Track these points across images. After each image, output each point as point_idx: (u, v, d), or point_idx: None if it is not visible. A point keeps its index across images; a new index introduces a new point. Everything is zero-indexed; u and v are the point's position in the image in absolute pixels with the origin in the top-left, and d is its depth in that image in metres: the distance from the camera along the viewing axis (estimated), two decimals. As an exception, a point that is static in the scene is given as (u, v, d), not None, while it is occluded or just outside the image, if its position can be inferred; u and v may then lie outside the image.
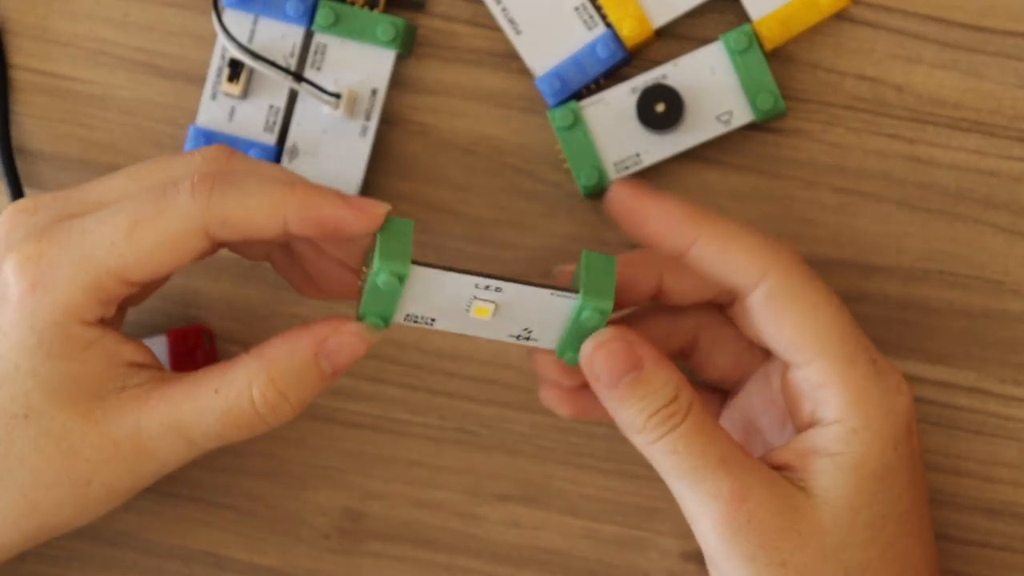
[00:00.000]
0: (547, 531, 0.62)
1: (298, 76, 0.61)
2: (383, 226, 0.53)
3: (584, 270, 0.53)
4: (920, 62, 0.61)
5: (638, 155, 0.61)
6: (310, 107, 0.62)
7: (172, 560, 0.63)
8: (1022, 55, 0.61)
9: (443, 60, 0.63)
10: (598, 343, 0.53)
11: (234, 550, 0.63)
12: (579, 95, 0.61)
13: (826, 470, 0.52)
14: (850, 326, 0.53)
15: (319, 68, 0.62)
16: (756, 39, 0.60)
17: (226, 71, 0.62)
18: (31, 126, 0.63)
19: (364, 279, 0.53)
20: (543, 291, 0.53)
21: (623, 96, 0.61)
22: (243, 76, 0.61)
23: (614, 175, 0.61)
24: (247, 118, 0.62)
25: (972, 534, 0.61)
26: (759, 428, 0.58)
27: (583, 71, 0.61)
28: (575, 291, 0.53)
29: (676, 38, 0.62)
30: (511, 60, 0.62)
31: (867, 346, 0.53)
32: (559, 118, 0.60)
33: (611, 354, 0.53)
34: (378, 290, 0.53)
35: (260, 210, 0.53)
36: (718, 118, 0.60)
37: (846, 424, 0.52)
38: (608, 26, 0.61)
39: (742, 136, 0.62)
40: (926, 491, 0.55)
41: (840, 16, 0.61)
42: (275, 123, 0.62)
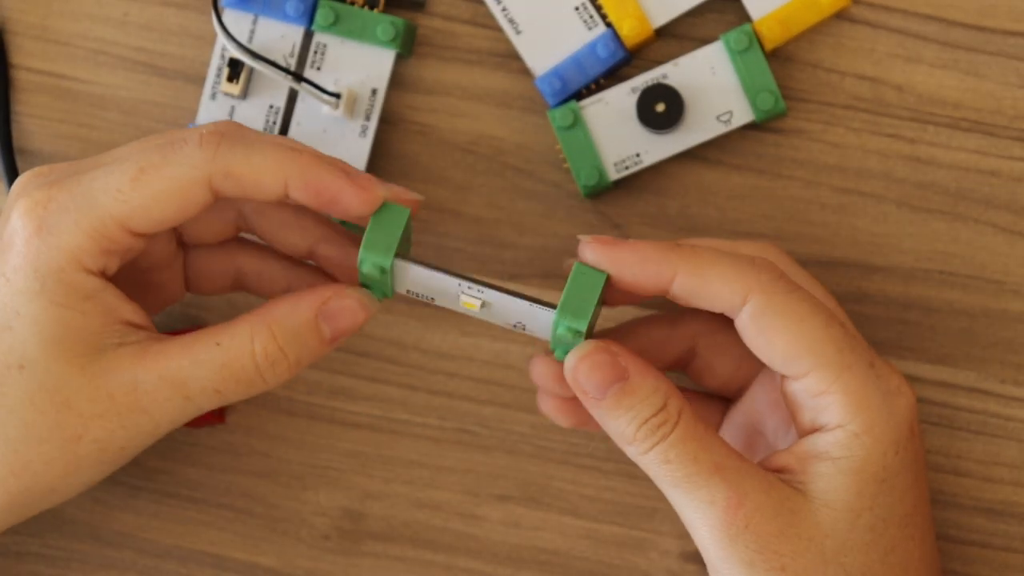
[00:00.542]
0: (547, 531, 0.62)
1: (298, 76, 0.61)
2: (378, 211, 0.53)
3: (569, 283, 0.53)
4: (920, 62, 0.61)
5: (638, 155, 0.61)
6: (310, 107, 0.62)
7: (171, 560, 0.63)
8: (1022, 55, 0.61)
9: (443, 60, 0.63)
10: (581, 355, 0.53)
11: (233, 550, 0.63)
12: (579, 95, 0.61)
13: (827, 473, 0.52)
14: (842, 332, 0.53)
15: (319, 68, 0.62)
16: (756, 39, 0.60)
17: (226, 71, 0.62)
18: (31, 126, 0.63)
19: None
20: (523, 302, 0.53)
21: (623, 96, 0.61)
22: (243, 76, 0.61)
23: (614, 175, 0.61)
24: (247, 118, 0.62)
25: (973, 534, 0.61)
26: (763, 432, 0.58)
27: (583, 71, 0.61)
28: (554, 306, 0.53)
29: (676, 38, 0.62)
30: (511, 60, 0.62)
31: (863, 350, 0.53)
32: (559, 118, 0.60)
33: (595, 366, 0.52)
34: (364, 276, 0.54)
35: (264, 167, 0.53)
36: (718, 118, 0.60)
37: (848, 428, 0.52)
38: (608, 26, 0.61)
39: (742, 136, 0.62)
40: (928, 492, 0.55)
41: (840, 16, 0.61)
42: (275, 123, 0.62)
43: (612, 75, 0.62)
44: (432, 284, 0.54)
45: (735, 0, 0.61)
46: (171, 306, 0.62)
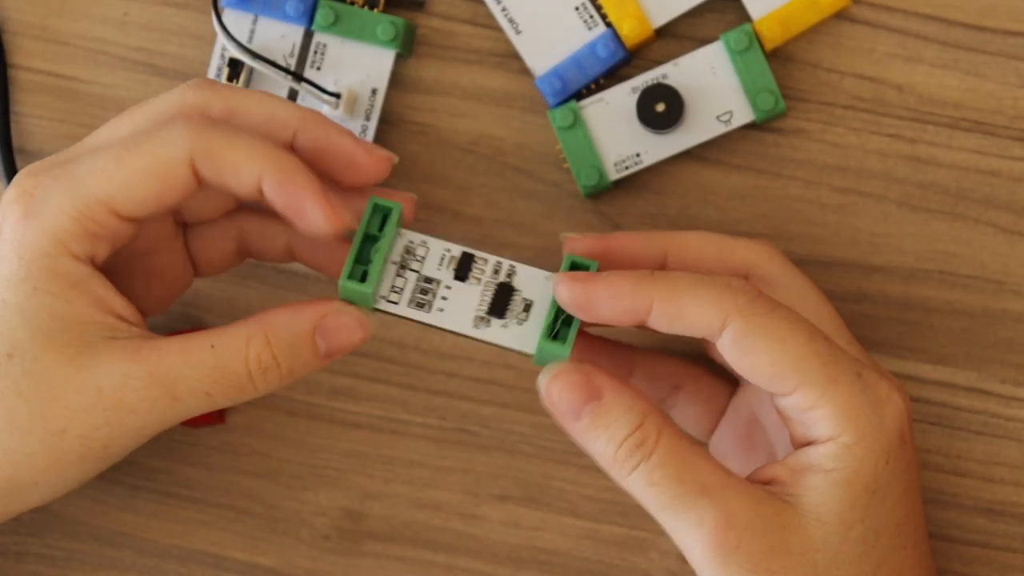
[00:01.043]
0: (547, 531, 0.62)
1: (298, 76, 0.61)
2: (367, 214, 0.54)
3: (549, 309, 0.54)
4: (921, 62, 0.61)
5: (638, 155, 0.61)
6: (310, 107, 0.61)
7: (171, 560, 0.63)
8: (1023, 55, 0.61)
9: (443, 60, 0.63)
10: (553, 375, 0.52)
11: (233, 550, 0.63)
12: (579, 95, 0.61)
13: (819, 486, 0.52)
14: (826, 346, 0.52)
15: (319, 68, 0.62)
16: (756, 39, 0.60)
17: (226, 71, 0.62)
18: (31, 126, 0.63)
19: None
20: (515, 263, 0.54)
21: (623, 96, 0.61)
22: (243, 76, 0.61)
23: (614, 175, 0.61)
24: (247, 118, 0.62)
25: (973, 534, 0.61)
26: (763, 425, 0.58)
27: (583, 71, 0.61)
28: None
29: (676, 38, 0.62)
30: (511, 60, 0.62)
31: (849, 361, 0.52)
32: (559, 118, 0.60)
33: (567, 386, 0.52)
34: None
35: (245, 156, 0.53)
36: (718, 118, 0.60)
37: (839, 441, 0.52)
38: (608, 26, 0.61)
39: (742, 136, 0.62)
40: (921, 500, 0.55)
41: (840, 16, 0.61)
42: (275, 123, 0.62)
43: (612, 75, 0.62)
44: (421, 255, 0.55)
45: (735, 0, 0.61)
46: (171, 306, 0.62)
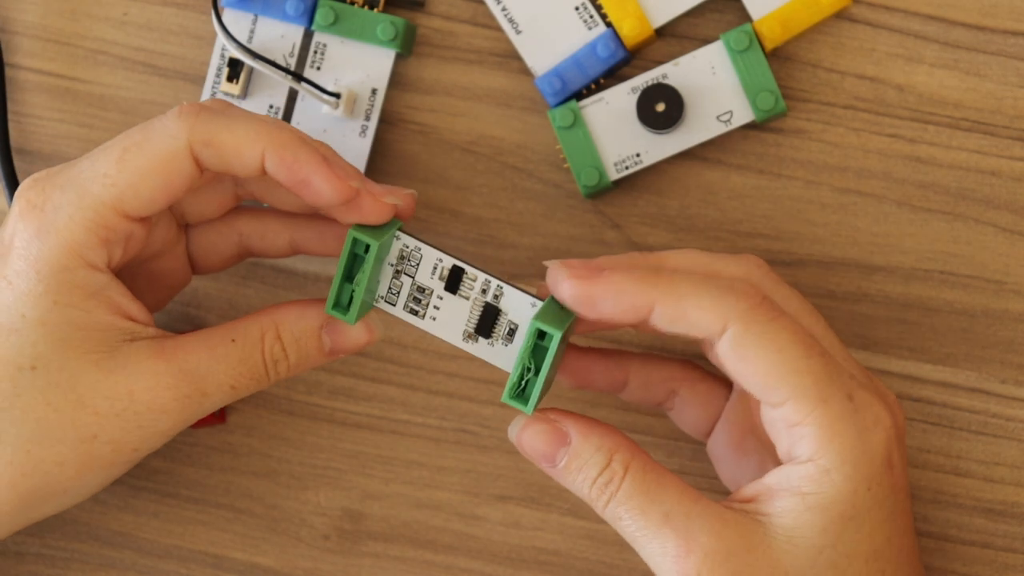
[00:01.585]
0: (547, 531, 0.62)
1: (298, 76, 0.61)
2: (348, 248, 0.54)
3: (543, 308, 0.54)
4: (921, 62, 0.61)
5: (638, 155, 0.61)
6: (310, 107, 0.62)
7: (170, 560, 0.63)
8: (1023, 55, 0.61)
9: (443, 60, 0.63)
10: (521, 427, 0.54)
11: (233, 550, 0.63)
12: (579, 95, 0.61)
13: (794, 509, 0.52)
14: (821, 363, 0.52)
15: (319, 68, 0.62)
16: (756, 39, 0.60)
17: (225, 71, 0.62)
18: (31, 126, 0.63)
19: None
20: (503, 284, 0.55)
21: (623, 96, 0.61)
22: (243, 76, 0.61)
23: (614, 175, 0.61)
24: (247, 118, 0.62)
25: (973, 534, 0.61)
26: (756, 432, 0.57)
27: (583, 71, 0.61)
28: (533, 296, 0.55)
29: (676, 38, 0.62)
30: (511, 60, 0.62)
31: (843, 382, 0.52)
32: (559, 118, 0.60)
33: (536, 435, 0.54)
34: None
35: (244, 137, 0.53)
36: (718, 118, 0.60)
37: (819, 463, 0.52)
38: (608, 25, 0.61)
39: (742, 136, 0.62)
40: (910, 522, 0.54)
41: (841, 15, 0.61)
42: (275, 123, 0.62)
43: (612, 75, 0.62)
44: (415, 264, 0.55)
45: (735, 0, 0.61)
46: (171, 306, 0.62)
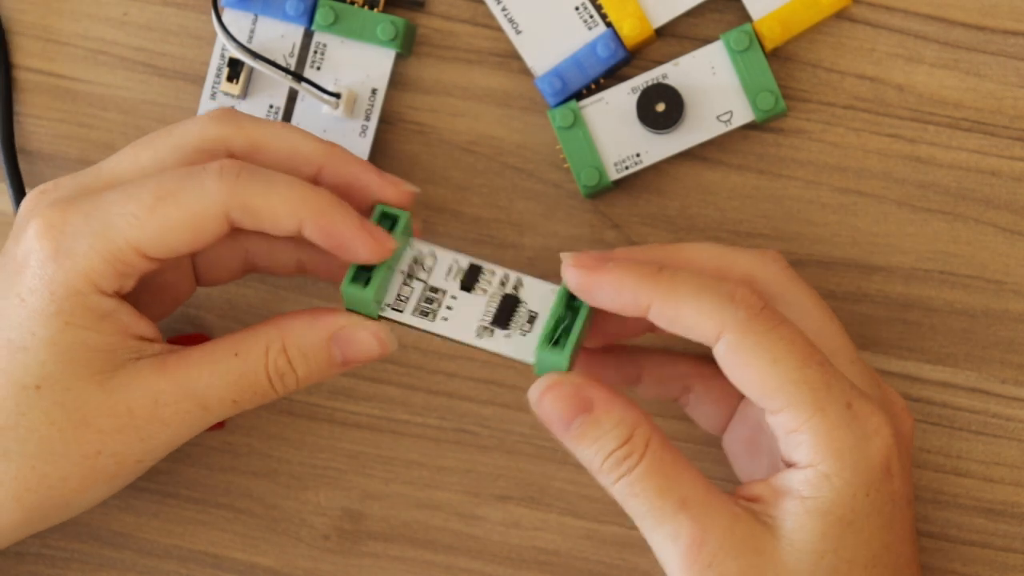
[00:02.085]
0: (547, 531, 0.62)
1: (298, 76, 0.61)
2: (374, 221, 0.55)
3: (552, 308, 0.54)
4: (921, 62, 0.61)
5: (638, 155, 0.61)
6: (310, 107, 0.62)
7: (170, 560, 0.63)
8: (1023, 55, 0.61)
9: (443, 60, 0.63)
10: (545, 387, 0.53)
11: (233, 550, 0.63)
12: (579, 95, 0.61)
13: (795, 512, 0.52)
14: (818, 373, 0.52)
15: (319, 68, 0.62)
16: (756, 39, 0.60)
17: (225, 71, 0.62)
18: (31, 126, 0.63)
19: None
20: (520, 274, 0.55)
21: (623, 96, 0.61)
22: (243, 76, 0.61)
23: (614, 175, 0.61)
24: (247, 118, 0.62)
25: (973, 534, 0.61)
26: (766, 432, 0.57)
27: (583, 71, 0.61)
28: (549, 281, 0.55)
29: (676, 38, 0.62)
30: (511, 60, 0.62)
31: (841, 390, 0.52)
32: (559, 118, 0.60)
33: (558, 399, 0.52)
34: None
35: (282, 204, 0.54)
36: (718, 118, 0.60)
37: (818, 469, 0.52)
38: (608, 25, 0.61)
39: (742, 136, 0.62)
40: (909, 530, 0.54)
41: (841, 15, 0.61)
42: (275, 123, 0.62)
43: (612, 75, 0.62)
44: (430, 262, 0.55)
45: (735, 0, 0.61)
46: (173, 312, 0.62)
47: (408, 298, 0.55)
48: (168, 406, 0.54)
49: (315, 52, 0.62)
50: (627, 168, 0.61)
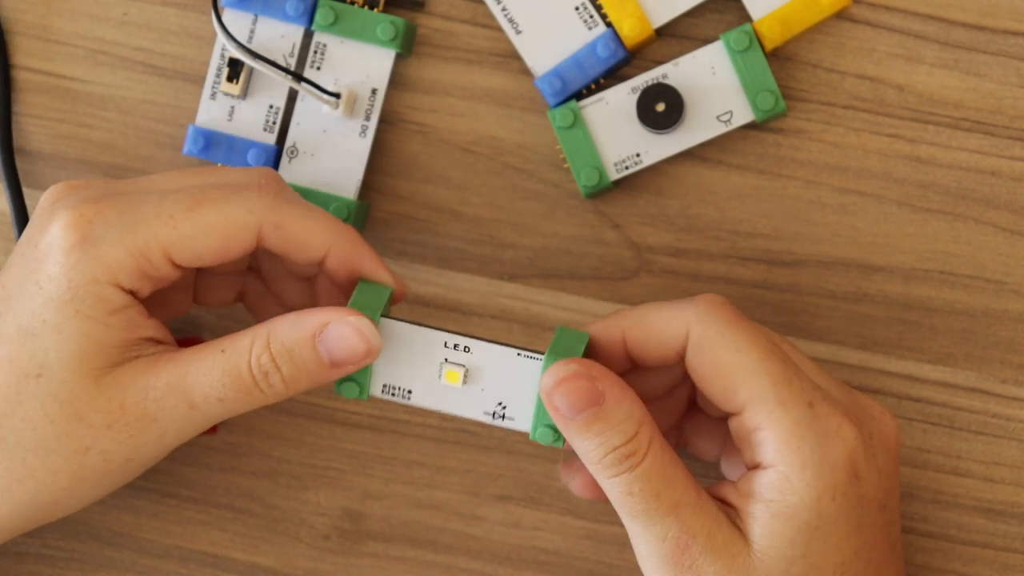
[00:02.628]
0: (547, 531, 0.62)
1: (298, 76, 0.61)
2: (358, 287, 0.55)
3: (555, 340, 0.54)
4: (921, 62, 0.61)
5: (638, 155, 0.61)
6: (310, 107, 0.62)
7: (170, 560, 0.63)
8: (1023, 55, 0.61)
9: (443, 60, 0.63)
10: (560, 378, 0.52)
11: (233, 550, 0.63)
12: (579, 95, 0.61)
13: (761, 517, 0.52)
14: (781, 367, 0.52)
15: (319, 68, 0.62)
16: (757, 39, 0.60)
17: (225, 71, 0.61)
18: (30, 126, 0.63)
19: None
20: (510, 351, 0.54)
21: (623, 96, 0.61)
22: (243, 76, 0.61)
23: (614, 175, 0.61)
24: (247, 118, 0.62)
25: (973, 534, 0.61)
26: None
27: (583, 71, 0.61)
28: (543, 352, 0.54)
29: (676, 38, 0.62)
30: (511, 60, 0.62)
31: (804, 388, 0.52)
32: (559, 118, 0.60)
33: (572, 390, 0.52)
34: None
35: (315, 230, 0.55)
36: (718, 118, 0.60)
37: (779, 469, 0.52)
38: (608, 25, 0.61)
39: (742, 136, 0.62)
40: (882, 535, 0.54)
41: (841, 15, 0.61)
42: (275, 123, 0.62)
43: (612, 75, 0.62)
44: (414, 351, 0.55)
45: (735, 0, 0.61)
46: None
47: (395, 391, 0.55)
48: (156, 401, 0.53)
49: (315, 52, 0.62)
50: (627, 168, 0.61)
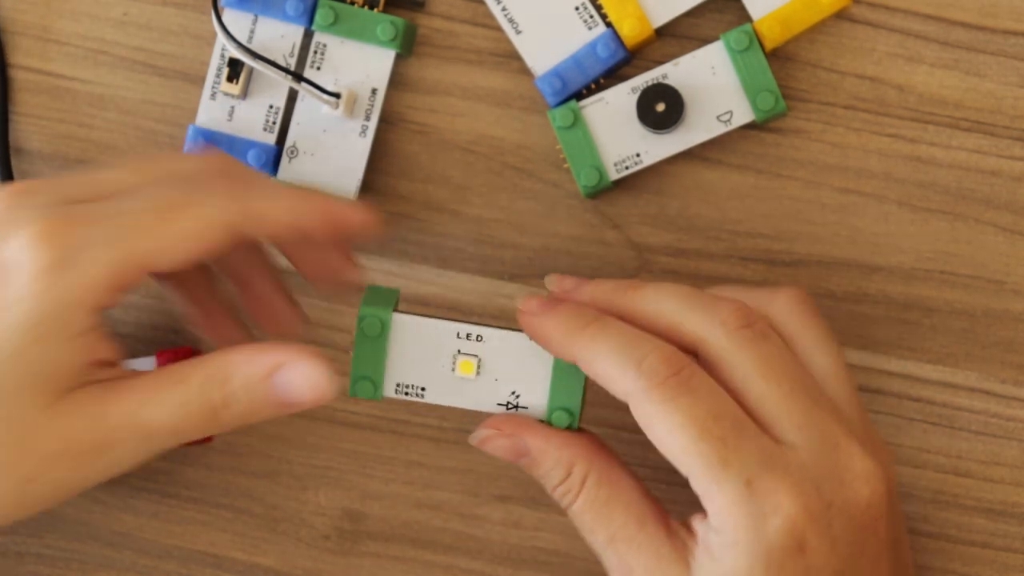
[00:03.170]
0: (547, 531, 0.62)
1: (298, 76, 0.61)
2: (366, 291, 0.56)
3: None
4: (921, 62, 0.61)
5: (638, 155, 0.61)
6: (310, 107, 0.62)
7: (171, 560, 0.63)
8: (1023, 55, 0.61)
9: (443, 60, 0.63)
10: (482, 438, 0.55)
11: (233, 550, 0.63)
12: (579, 95, 0.61)
13: (704, 566, 0.52)
14: (714, 448, 0.52)
15: (319, 68, 0.62)
16: (757, 38, 0.60)
17: (226, 71, 0.61)
18: (30, 126, 0.63)
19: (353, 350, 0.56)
20: (522, 335, 0.55)
21: (623, 96, 0.61)
22: (243, 76, 0.61)
23: (614, 175, 0.61)
24: (247, 118, 0.62)
25: (973, 534, 0.61)
26: None
27: (583, 71, 0.61)
28: None
29: (676, 38, 0.62)
30: (511, 60, 0.62)
31: (742, 466, 0.52)
32: (559, 118, 0.60)
33: (496, 449, 0.55)
34: (365, 341, 0.55)
35: (282, 204, 0.54)
36: (718, 118, 0.60)
37: (720, 536, 0.52)
38: (608, 25, 0.61)
39: (742, 136, 0.62)
40: None
41: (841, 15, 0.61)
42: (275, 123, 0.62)
43: (612, 75, 0.62)
44: (427, 345, 0.55)
45: (735, 0, 0.61)
46: (170, 307, 0.62)
47: (408, 389, 0.56)
48: (109, 432, 0.52)
49: (315, 52, 0.62)
50: (627, 168, 0.61)
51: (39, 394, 0.51)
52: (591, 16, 0.61)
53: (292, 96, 0.62)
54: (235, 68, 0.61)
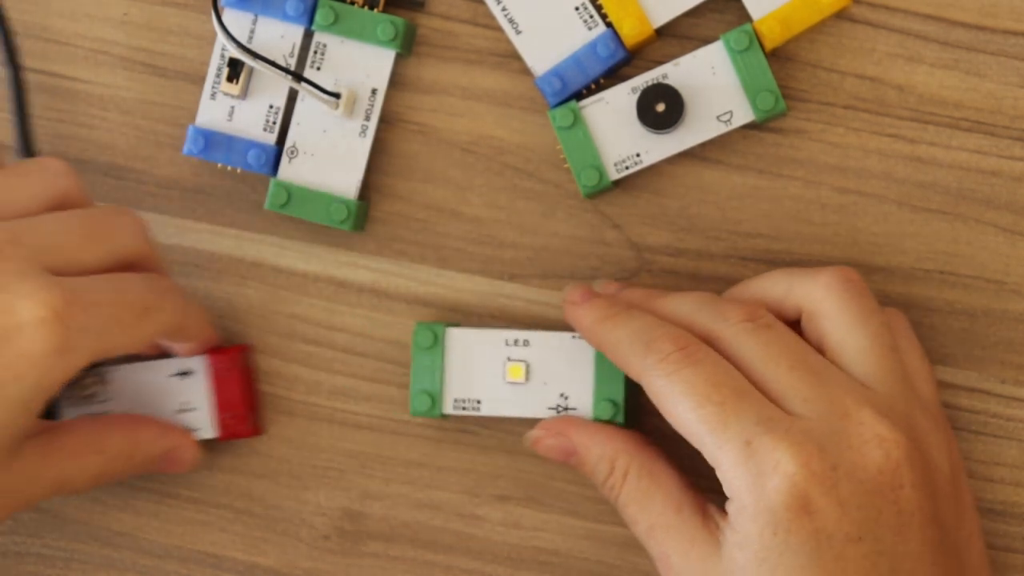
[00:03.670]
0: (547, 531, 0.62)
1: (298, 76, 0.61)
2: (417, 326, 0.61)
3: (596, 361, 0.60)
4: (921, 62, 0.61)
5: (638, 155, 0.61)
6: (310, 107, 0.62)
7: (171, 560, 0.63)
8: (1023, 55, 0.61)
9: (443, 60, 0.63)
10: (533, 440, 0.59)
11: (233, 550, 0.63)
12: (579, 95, 0.61)
13: (728, 542, 0.54)
14: (714, 411, 0.53)
15: (319, 68, 0.62)
16: (757, 38, 0.60)
17: (226, 71, 0.62)
18: (30, 126, 0.63)
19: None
20: (564, 335, 0.59)
21: (623, 96, 0.61)
22: (243, 76, 0.61)
23: (614, 175, 0.61)
24: (247, 118, 0.62)
25: (973, 535, 0.61)
26: None
27: (583, 71, 0.61)
28: None
29: (676, 38, 0.62)
30: (511, 60, 0.62)
31: (740, 427, 0.53)
32: (559, 118, 0.60)
33: (547, 450, 0.59)
34: (421, 354, 0.60)
35: (200, 331, 0.61)
36: (718, 118, 0.60)
37: (732, 505, 0.54)
38: (608, 25, 0.61)
39: (742, 136, 0.62)
40: (853, 567, 0.52)
41: (841, 15, 0.61)
42: (275, 123, 0.62)
43: (612, 75, 0.62)
44: (478, 354, 0.60)
45: (735, 0, 0.61)
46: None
47: (465, 404, 0.60)
48: (39, 489, 0.57)
49: (315, 52, 0.62)
50: (627, 168, 0.61)
51: (3, 455, 0.55)
52: (591, 16, 0.61)
53: (292, 96, 0.62)
54: (235, 68, 0.61)
